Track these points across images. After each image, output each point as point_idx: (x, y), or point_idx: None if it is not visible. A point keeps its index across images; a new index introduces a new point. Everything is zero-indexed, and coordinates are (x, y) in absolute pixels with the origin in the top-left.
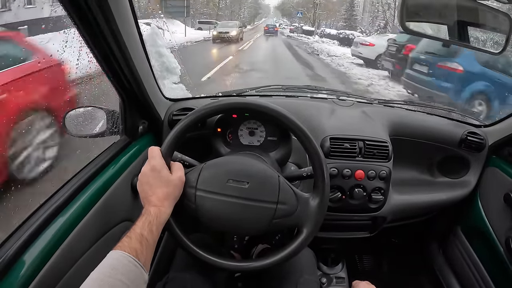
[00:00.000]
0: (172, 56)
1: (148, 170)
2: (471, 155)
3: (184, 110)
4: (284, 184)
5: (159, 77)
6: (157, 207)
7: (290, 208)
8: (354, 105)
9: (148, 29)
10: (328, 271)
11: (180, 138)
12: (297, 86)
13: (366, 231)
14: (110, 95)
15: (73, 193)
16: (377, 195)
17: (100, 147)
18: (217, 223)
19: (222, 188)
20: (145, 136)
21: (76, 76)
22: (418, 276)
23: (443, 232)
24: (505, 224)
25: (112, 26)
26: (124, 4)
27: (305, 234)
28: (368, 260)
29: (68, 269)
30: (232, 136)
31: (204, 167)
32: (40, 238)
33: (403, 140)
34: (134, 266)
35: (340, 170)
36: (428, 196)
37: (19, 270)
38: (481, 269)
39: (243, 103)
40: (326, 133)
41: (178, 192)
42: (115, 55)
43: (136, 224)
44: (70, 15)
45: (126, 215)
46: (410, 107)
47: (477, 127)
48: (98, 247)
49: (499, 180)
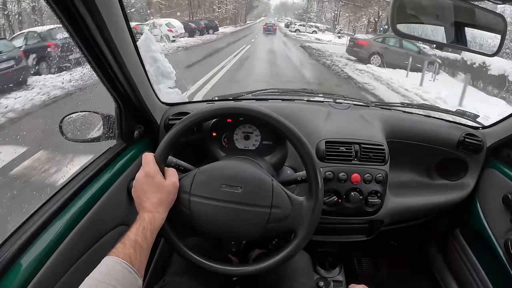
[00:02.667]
0: (167, 61)
1: (142, 176)
2: (469, 157)
3: (180, 114)
4: (277, 188)
5: (154, 82)
6: (151, 213)
7: (284, 212)
8: (351, 108)
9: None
10: (325, 274)
11: (174, 143)
12: (294, 89)
13: (363, 234)
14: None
15: (70, 197)
16: (373, 199)
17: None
18: (211, 228)
19: (215, 193)
20: (141, 141)
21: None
22: (417, 278)
23: (441, 235)
24: (504, 226)
25: (104, 33)
26: (116, 11)
27: (300, 237)
28: (366, 263)
29: (64, 273)
30: (227, 140)
31: (198, 172)
32: (36, 242)
33: (400, 142)
34: (128, 272)
35: (336, 174)
36: (426, 198)
37: (15, 273)
38: (480, 272)
39: (236, 108)
40: (321, 136)
41: (172, 197)
42: (109, 61)
43: (131, 230)
44: (63, 23)
45: (122, 219)
46: (407, 110)
47: (474, 129)
48: (94, 251)
49: (498, 182)
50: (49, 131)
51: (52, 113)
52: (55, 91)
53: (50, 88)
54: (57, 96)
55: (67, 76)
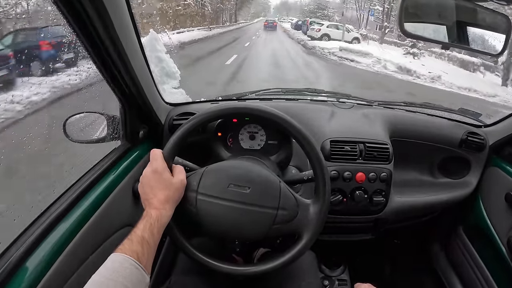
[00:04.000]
0: (172, 61)
1: (149, 172)
2: (472, 156)
3: (184, 114)
4: (285, 189)
5: (159, 82)
6: (158, 210)
7: (290, 214)
8: (354, 107)
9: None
10: (330, 273)
11: (181, 142)
12: (297, 89)
13: (368, 233)
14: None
15: (75, 199)
16: (378, 197)
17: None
18: (217, 227)
19: (223, 192)
20: (145, 142)
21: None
22: (421, 276)
23: (445, 233)
24: (507, 223)
25: (111, 33)
26: (123, 11)
27: (305, 240)
28: (370, 262)
29: (71, 274)
30: (232, 140)
31: (206, 171)
32: (43, 244)
33: (403, 141)
34: (136, 268)
35: (341, 173)
36: (429, 197)
37: (22, 276)
38: (484, 269)
39: (244, 107)
40: (326, 136)
41: (179, 195)
42: (114, 61)
43: (137, 227)
44: (69, 23)
45: (128, 220)
46: (410, 109)
47: (477, 127)
48: (100, 252)
49: (500, 180)
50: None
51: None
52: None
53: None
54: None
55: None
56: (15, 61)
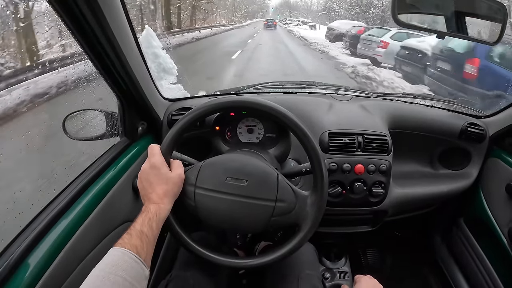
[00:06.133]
0: (168, 56)
1: (147, 167)
2: (472, 146)
3: (183, 109)
4: (282, 181)
5: (156, 78)
6: (156, 204)
7: (289, 205)
8: (353, 99)
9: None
10: (331, 266)
11: (179, 137)
12: (295, 82)
13: (368, 225)
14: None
15: (75, 195)
16: (377, 189)
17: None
18: (216, 220)
19: (221, 186)
20: (144, 137)
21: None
22: (422, 268)
23: (446, 224)
24: (508, 214)
25: (107, 31)
26: (117, 8)
27: (304, 231)
28: (371, 254)
29: (72, 271)
30: (231, 134)
31: (203, 165)
32: (43, 241)
33: (403, 133)
34: (135, 262)
35: (340, 165)
36: (429, 188)
37: (23, 273)
38: (485, 260)
39: (240, 101)
40: (324, 128)
41: (177, 189)
42: (111, 58)
43: (136, 221)
44: (64, 21)
45: (128, 216)
46: (409, 100)
47: (477, 118)
48: (101, 248)
49: (501, 170)
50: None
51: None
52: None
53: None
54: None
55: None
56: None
